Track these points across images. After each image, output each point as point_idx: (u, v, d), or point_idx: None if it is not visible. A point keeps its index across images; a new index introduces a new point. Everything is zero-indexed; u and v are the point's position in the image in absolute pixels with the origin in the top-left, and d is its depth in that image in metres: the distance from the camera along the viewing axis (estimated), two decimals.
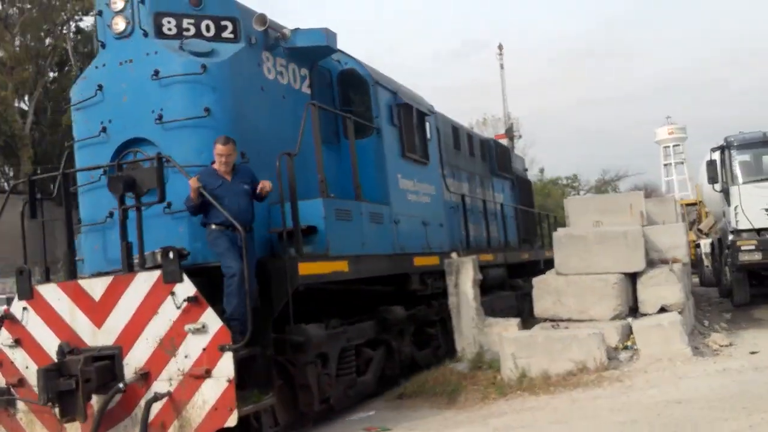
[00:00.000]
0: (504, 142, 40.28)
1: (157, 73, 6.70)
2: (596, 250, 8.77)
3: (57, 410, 5.64)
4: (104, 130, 6.90)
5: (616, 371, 7.26)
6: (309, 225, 6.80)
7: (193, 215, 6.28)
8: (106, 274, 6.38)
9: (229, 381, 5.52)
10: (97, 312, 6.01)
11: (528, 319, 9.83)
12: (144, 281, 5.88)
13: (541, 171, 47.69)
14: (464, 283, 8.90)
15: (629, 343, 7.97)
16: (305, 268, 6.39)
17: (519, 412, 6.44)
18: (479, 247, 12.54)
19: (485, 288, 11.57)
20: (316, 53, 8.17)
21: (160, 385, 5.73)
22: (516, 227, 15.47)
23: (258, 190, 6.32)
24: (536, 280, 9.09)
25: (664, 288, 8.71)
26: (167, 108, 6.65)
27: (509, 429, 5.91)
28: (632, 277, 8.90)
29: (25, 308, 6.31)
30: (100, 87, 6.96)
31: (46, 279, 6.89)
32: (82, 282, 6.18)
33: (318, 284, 6.89)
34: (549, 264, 15.86)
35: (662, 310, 8.64)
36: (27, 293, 6.29)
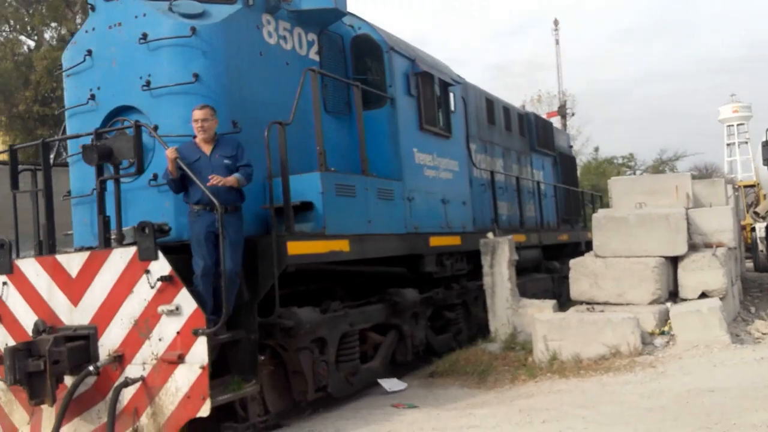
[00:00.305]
0: (556, 119, 39.02)
1: (145, 36, 6.27)
2: (637, 233, 8.56)
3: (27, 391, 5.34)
4: (93, 97, 6.53)
5: (650, 357, 7.04)
6: (303, 201, 6.31)
7: (175, 192, 5.81)
8: (89, 249, 6.04)
9: (203, 368, 5.10)
10: (74, 289, 5.67)
11: (565, 302, 9.56)
12: (120, 258, 5.50)
13: (596, 150, 46.05)
14: (500, 263, 8.84)
15: (666, 329, 7.69)
16: (295, 248, 5.90)
17: (547, 395, 6.35)
18: (511, 227, 11.87)
19: (518, 270, 10.95)
20: (324, 17, 7.61)
21: (133, 370, 5.37)
22: (555, 207, 14.68)
23: (209, 184, 5.49)
24: (573, 262, 8.88)
25: (706, 273, 8.41)
26: (155, 73, 6.23)
27: (534, 411, 5.78)
28: (673, 261, 8.64)
29: (5, 283, 6.04)
30: (90, 52, 6.59)
31: (39, 252, 6.62)
32: (59, 257, 5.85)
33: (314, 265, 6.41)
34: (589, 246, 15.15)
35: (703, 295, 8.34)
36: (7, 267, 6.01)
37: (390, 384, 7.39)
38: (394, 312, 7.93)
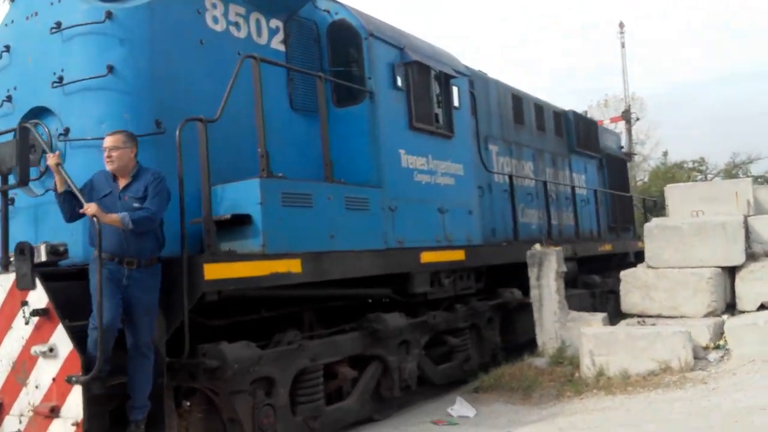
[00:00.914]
0: (615, 125, 36.99)
1: (59, 25, 5.41)
2: (691, 242, 8.37)
3: None
4: (9, 98, 5.73)
5: (702, 372, 6.83)
6: (235, 214, 5.27)
7: (66, 218, 4.71)
8: None
9: (76, 425, 4.13)
10: None
11: (615, 316, 9.22)
12: (0, 286, 4.61)
13: (665, 154, 43.47)
14: (547, 275, 8.57)
15: (721, 343, 7.43)
16: (215, 271, 4.87)
17: (590, 412, 6.22)
18: (532, 237, 10.54)
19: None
20: (289, 1, 6.60)
21: (10, 422, 4.45)
22: (597, 214, 13.19)
23: (81, 210, 4.44)
24: (624, 274, 8.71)
25: (766, 284, 8.05)
26: (68, 67, 5.35)
27: (575, 430, 5.63)
28: (731, 272, 8.38)
29: None
30: (7, 48, 5.80)
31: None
32: None
33: (253, 290, 5.36)
34: (639, 256, 13.58)
35: (762, 307, 8.02)
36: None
37: (457, 409, 6.80)
38: (374, 341, 6.81)
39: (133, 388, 4.47)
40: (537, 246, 8.87)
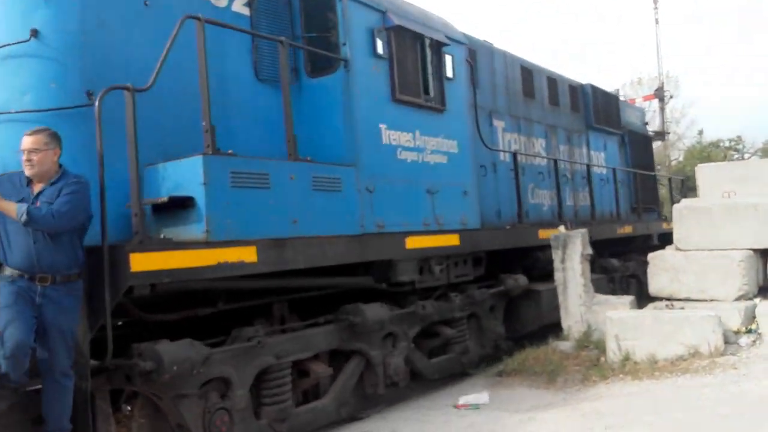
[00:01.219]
0: (649, 103, 35.63)
1: None
2: (721, 224, 8.16)
3: None
4: None
5: (733, 357, 6.62)
6: (174, 196, 4.66)
7: None
8: None
9: None
10: None
11: (643, 300, 8.92)
12: None
13: (700, 133, 41.99)
14: (571, 258, 8.33)
15: (753, 327, 7.21)
16: (145, 261, 4.26)
17: (616, 398, 6.06)
18: (543, 219, 9.81)
19: (550, 273, 8.96)
20: None
21: None
22: (615, 194, 12.35)
23: None
24: (652, 256, 8.53)
25: None
26: None
27: (598, 415, 5.51)
28: (763, 254, 8.22)
29: None
30: None
31: None
32: None
33: (200, 282, 4.76)
34: (665, 238, 12.72)
35: None
36: None
37: (469, 398, 6.53)
38: (353, 335, 6.18)
39: (46, 413, 3.93)
40: (561, 228, 8.65)
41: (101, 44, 4.87)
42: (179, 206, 4.74)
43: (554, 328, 8.58)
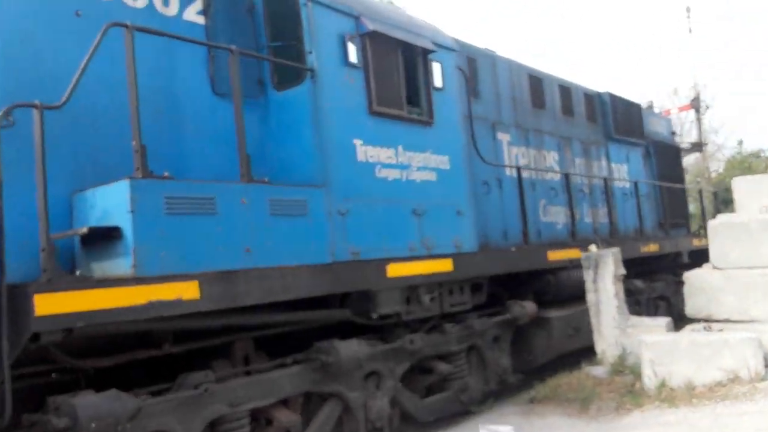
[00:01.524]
0: (686, 114, 34.46)
1: None
2: (761, 240, 7.73)
3: None
4: None
5: None
6: (94, 227, 4.09)
7: None
8: None
9: None
10: None
11: (679, 321, 8.56)
12: None
13: (740, 143, 40.48)
14: (603, 278, 8.00)
15: None
16: (54, 303, 3.69)
17: (651, 427, 5.90)
18: (557, 239, 9.06)
19: (569, 299, 8.25)
20: None
21: None
22: (638, 209, 11.52)
23: None
24: (688, 276, 8.16)
25: None
26: None
27: None
28: None
29: None
30: None
31: None
32: None
33: (130, 324, 4.17)
34: (696, 256, 11.81)
35: None
36: None
37: (492, 428, 6.13)
38: (327, 375, 5.53)
39: None
40: (592, 247, 8.35)
41: (22, 59, 4.37)
42: (107, 238, 4.18)
43: (583, 354, 8.14)
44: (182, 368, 4.79)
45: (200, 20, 5.50)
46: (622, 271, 8.09)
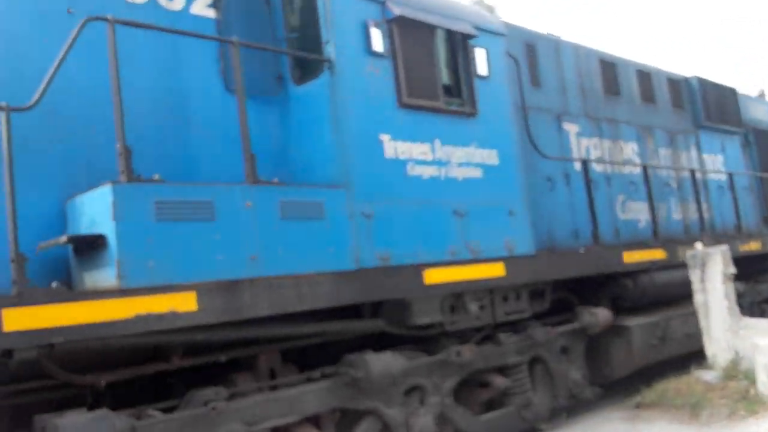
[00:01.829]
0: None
1: None
2: None
3: None
4: None
5: None
6: (75, 236, 3.82)
7: None
8: None
9: None
10: None
11: None
12: None
13: None
14: (712, 278, 7.57)
15: None
16: (26, 318, 3.41)
17: None
18: (637, 238, 8.19)
19: (645, 305, 7.42)
20: None
21: None
22: (734, 202, 10.34)
23: None
24: None
25: None
26: None
27: None
28: None
29: None
30: None
31: None
32: None
33: (119, 339, 3.86)
34: None
35: None
36: None
37: None
38: (359, 391, 5.05)
39: None
40: (698, 245, 7.89)
41: (8, 59, 4.20)
42: (95, 247, 3.91)
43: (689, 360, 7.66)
44: (210, 383, 4.47)
45: (210, 14, 5.21)
46: (733, 269, 7.55)
